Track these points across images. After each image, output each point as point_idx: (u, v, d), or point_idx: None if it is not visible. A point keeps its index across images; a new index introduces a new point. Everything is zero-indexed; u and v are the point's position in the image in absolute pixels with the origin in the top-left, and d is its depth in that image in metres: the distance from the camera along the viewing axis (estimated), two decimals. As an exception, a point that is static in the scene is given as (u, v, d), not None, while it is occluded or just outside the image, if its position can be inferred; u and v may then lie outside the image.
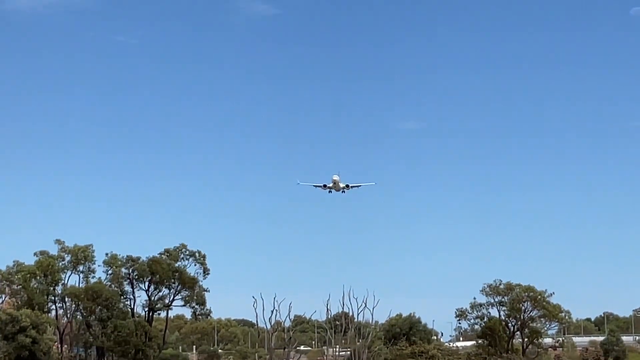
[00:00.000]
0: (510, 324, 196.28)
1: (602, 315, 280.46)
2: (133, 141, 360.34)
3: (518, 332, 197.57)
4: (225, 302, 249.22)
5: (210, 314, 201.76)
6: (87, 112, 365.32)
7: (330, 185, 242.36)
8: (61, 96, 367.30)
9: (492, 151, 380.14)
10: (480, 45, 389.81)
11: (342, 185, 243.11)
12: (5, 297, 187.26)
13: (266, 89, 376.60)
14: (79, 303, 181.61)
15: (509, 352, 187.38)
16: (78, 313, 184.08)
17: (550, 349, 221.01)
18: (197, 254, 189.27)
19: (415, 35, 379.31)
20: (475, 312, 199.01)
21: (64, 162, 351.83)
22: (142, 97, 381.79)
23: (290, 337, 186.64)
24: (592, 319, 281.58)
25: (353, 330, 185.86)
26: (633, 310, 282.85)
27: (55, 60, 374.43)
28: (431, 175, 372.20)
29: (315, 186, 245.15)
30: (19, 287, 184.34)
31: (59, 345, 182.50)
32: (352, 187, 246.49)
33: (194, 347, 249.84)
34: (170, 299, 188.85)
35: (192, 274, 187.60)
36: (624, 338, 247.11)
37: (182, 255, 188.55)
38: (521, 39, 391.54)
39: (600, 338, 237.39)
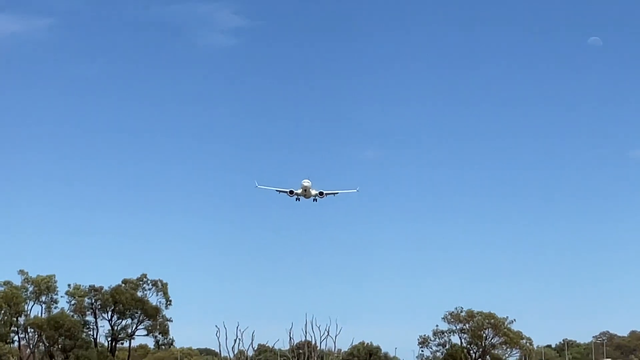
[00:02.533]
0: (472, 351, 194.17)
1: (563, 341, 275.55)
2: (92, 173, 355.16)
3: (480, 359, 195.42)
4: (188, 331, 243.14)
5: (173, 344, 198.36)
6: (46, 145, 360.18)
7: (299, 191, 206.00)
8: (21, 128, 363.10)
9: (450, 180, 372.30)
10: (436, 75, 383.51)
11: (314, 192, 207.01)
12: None
13: (223, 120, 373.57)
14: (42, 333, 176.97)
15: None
16: (41, 343, 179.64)
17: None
18: (159, 283, 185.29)
19: (372, 68, 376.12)
20: (437, 339, 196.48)
21: (25, 193, 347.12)
22: (101, 129, 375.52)
23: None
24: (553, 346, 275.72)
25: (316, 358, 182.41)
26: (593, 337, 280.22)
27: (17, 89, 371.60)
28: (392, 203, 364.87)
29: (279, 191, 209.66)
30: None
31: None
32: (327, 194, 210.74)
33: None
34: (133, 328, 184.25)
35: (154, 304, 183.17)
36: None
37: (143, 285, 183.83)
38: (477, 69, 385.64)
39: None
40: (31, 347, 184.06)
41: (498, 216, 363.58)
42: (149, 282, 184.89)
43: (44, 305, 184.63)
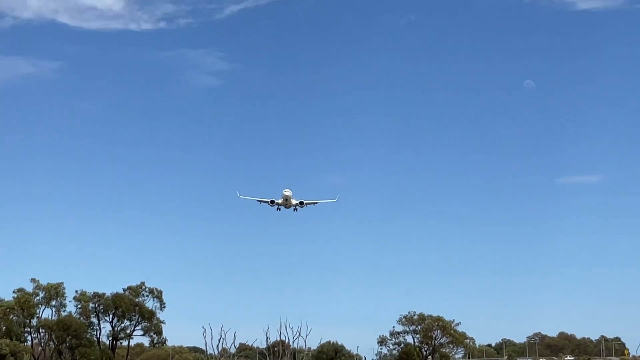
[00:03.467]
0: (423, 350, 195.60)
1: (501, 341, 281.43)
2: (96, 194, 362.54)
3: (430, 357, 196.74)
4: (179, 332, 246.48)
5: (166, 342, 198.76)
6: (54, 171, 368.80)
7: (280, 201, 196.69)
8: (32, 155, 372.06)
9: (401, 197, 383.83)
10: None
11: (294, 201, 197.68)
12: None
13: (209, 146, 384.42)
14: (52, 333, 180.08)
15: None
16: (51, 342, 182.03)
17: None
18: (155, 290, 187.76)
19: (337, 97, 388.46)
20: (393, 339, 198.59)
21: (36, 211, 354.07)
22: (102, 153, 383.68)
23: None
24: (493, 345, 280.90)
25: (289, 356, 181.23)
26: (527, 337, 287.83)
27: (30, 121, 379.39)
28: (355, 217, 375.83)
29: (260, 201, 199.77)
30: None
31: None
32: (307, 204, 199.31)
33: None
34: (131, 329, 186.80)
35: (150, 308, 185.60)
36: None
37: (142, 292, 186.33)
38: (426, 94, 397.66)
39: None
40: (42, 345, 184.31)
41: (446, 234, 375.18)
42: (146, 289, 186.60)
43: (53, 309, 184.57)
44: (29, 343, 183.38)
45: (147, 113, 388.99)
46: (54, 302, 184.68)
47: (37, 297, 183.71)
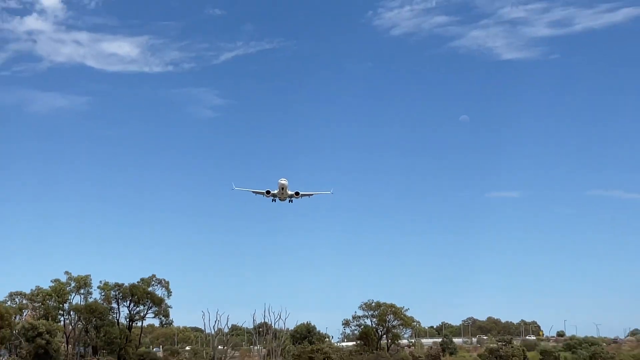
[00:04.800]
0: (379, 331, 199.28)
1: (441, 324, 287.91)
2: (117, 201, 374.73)
3: (384, 336, 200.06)
4: (183, 315, 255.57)
5: (172, 323, 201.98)
6: (85, 183, 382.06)
7: (275, 192, 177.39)
8: (67, 170, 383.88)
9: (366, 205, 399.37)
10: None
11: (290, 192, 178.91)
12: (28, 311, 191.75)
13: (207, 165, 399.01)
14: (80, 316, 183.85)
15: (378, 349, 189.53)
16: (79, 323, 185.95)
17: (405, 347, 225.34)
18: (163, 281, 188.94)
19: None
20: (355, 322, 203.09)
21: (71, 215, 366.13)
22: (123, 170, 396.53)
23: (228, 340, 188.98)
24: (435, 326, 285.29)
25: (271, 334, 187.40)
26: (462, 320, 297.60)
27: (64, 144, 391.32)
28: (329, 216, 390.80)
29: (256, 193, 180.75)
30: (38, 304, 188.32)
31: (66, 346, 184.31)
32: (303, 195, 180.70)
33: (161, 346, 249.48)
34: (144, 313, 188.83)
35: (160, 295, 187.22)
36: (455, 340, 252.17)
37: (152, 282, 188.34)
38: (374, 126, 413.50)
39: (440, 340, 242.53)
40: (72, 325, 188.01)
41: (400, 236, 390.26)
42: (156, 280, 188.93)
43: (82, 296, 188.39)
44: (62, 323, 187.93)
45: (159, 137, 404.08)
46: (82, 291, 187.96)
47: (69, 286, 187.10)
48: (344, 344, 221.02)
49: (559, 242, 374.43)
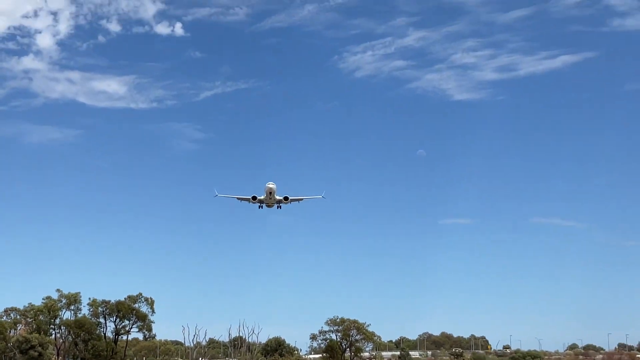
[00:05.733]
0: (343, 344, 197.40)
1: (399, 338, 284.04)
2: (104, 225, 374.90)
3: (348, 349, 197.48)
4: (165, 329, 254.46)
5: (155, 337, 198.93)
6: (74, 208, 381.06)
7: (262, 197, 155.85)
8: (58, 196, 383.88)
9: (325, 226, 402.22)
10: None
11: (278, 197, 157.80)
12: (21, 326, 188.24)
13: (189, 191, 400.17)
14: (70, 330, 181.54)
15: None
16: (69, 336, 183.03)
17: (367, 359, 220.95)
18: (149, 299, 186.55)
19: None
20: (321, 336, 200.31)
21: (62, 237, 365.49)
22: (110, 197, 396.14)
23: (205, 352, 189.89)
24: (393, 341, 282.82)
25: (245, 347, 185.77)
26: (418, 335, 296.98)
27: (57, 173, 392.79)
28: (298, 237, 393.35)
29: (241, 199, 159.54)
30: (31, 319, 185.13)
31: (57, 358, 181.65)
32: (292, 200, 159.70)
33: (144, 359, 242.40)
34: (129, 327, 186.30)
35: (144, 311, 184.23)
36: (412, 353, 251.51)
37: (138, 299, 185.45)
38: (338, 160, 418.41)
39: (398, 353, 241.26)
40: (63, 338, 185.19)
41: (364, 258, 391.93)
42: (142, 297, 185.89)
43: (72, 312, 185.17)
44: (53, 337, 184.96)
45: (144, 168, 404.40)
46: (72, 307, 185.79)
47: (60, 303, 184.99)
48: (311, 356, 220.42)
49: (505, 264, 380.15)
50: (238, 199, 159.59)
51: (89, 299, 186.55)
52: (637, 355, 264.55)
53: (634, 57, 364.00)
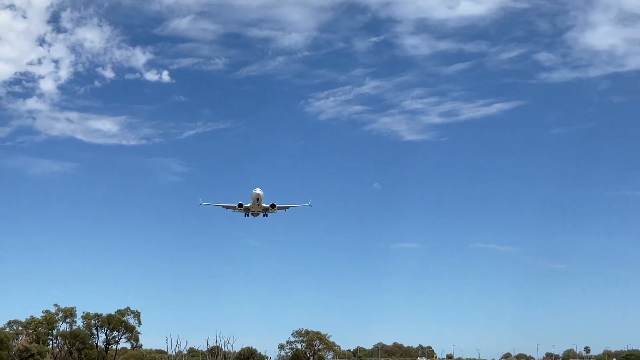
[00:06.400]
0: (307, 353, 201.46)
1: (357, 347, 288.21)
2: (97, 246, 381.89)
3: (311, 358, 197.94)
4: (150, 339, 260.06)
5: (141, 347, 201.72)
6: (71, 232, 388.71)
7: (248, 205, 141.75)
8: (58, 222, 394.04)
9: (292, 250, 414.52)
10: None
11: (265, 205, 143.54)
12: (22, 337, 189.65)
13: (173, 225, 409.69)
14: (66, 340, 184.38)
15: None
16: (65, 346, 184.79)
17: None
18: (135, 312, 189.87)
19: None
20: (288, 346, 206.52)
21: (61, 255, 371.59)
22: (104, 222, 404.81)
23: None
24: (352, 350, 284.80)
25: (221, 356, 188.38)
26: (373, 345, 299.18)
27: (55, 203, 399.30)
28: (266, 253, 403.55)
29: (226, 207, 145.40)
30: (31, 331, 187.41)
31: None
32: (279, 208, 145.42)
33: None
34: (119, 338, 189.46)
35: (131, 324, 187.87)
36: None
37: (126, 313, 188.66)
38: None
39: None
40: (59, 348, 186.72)
41: (328, 274, 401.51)
42: (130, 311, 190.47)
43: (68, 324, 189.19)
44: (50, 346, 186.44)
45: (134, 196, 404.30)
46: (68, 320, 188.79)
47: (58, 316, 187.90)
48: None
49: (448, 282, 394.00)
50: (223, 207, 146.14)
51: (83, 312, 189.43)
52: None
53: (557, 106, 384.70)
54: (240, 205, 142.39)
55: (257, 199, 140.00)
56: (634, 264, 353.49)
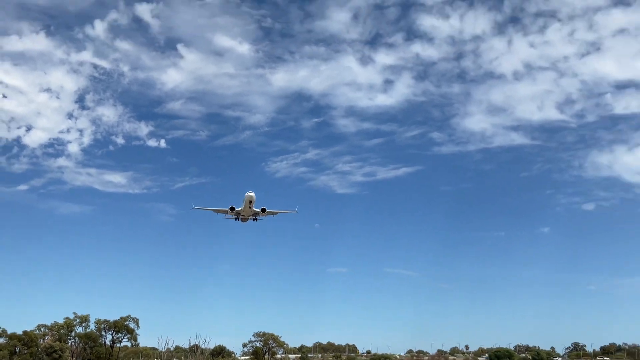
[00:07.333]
0: (264, 349, 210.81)
1: (301, 345, 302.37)
2: (104, 267, 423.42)
3: (267, 353, 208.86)
4: (145, 339, 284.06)
5: (139, 345, 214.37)
6: (89, 258, 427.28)
7: (240, 209, 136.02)
8: (79, 253, 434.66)
9: (253, 272, 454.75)
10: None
11: (255, 209, 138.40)
12: (48, 337, 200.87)
13: (167, 257, 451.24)
14: (81, 340, 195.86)
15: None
16: (81, 344, 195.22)
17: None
18: (134, 319, 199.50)
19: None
20: (250, 344, 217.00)
21: (80, 275, 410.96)
22: (113, 252, 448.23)
23: (172, 356, 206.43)
24: (297, 347, 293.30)
25: (199, 352, 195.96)
26: (313, 343, 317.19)
27: (80, 235, 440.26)
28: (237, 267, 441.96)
29: (217, 211, 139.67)
30: (55, 332, 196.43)
31: (71, 359, 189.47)
32: (269, 213, 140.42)
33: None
34: (122, 338, 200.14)
35: (132, 327, 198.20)
36: (310, 355, 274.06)
37: (128, 319, 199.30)
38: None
39: (300, 355, 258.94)
40: (76, 345, 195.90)
41: (280, 287, 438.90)
42: (130, 317, 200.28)
43: (83, 327, 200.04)
44: (69, 345, 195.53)
45: (136, 232, 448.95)
46: (83, 324, 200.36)
47: (76, 322, 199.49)
48: (242, 357, 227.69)
49: (369, 297, 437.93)
50: (215, 211, 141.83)
51: (95, 319, 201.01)
52: (450, 357, 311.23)
53: (445, 170, 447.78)
54: (232, 209, 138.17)
55: (250, 201, 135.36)
56: (497, 284, 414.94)
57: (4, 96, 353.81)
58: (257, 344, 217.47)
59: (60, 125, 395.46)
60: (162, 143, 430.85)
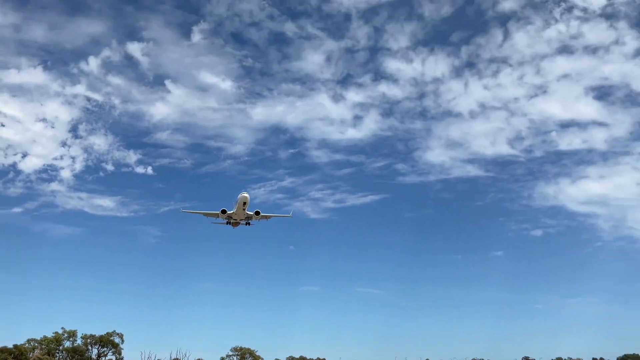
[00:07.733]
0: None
1: (275, 359, 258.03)
2: (96, 285, 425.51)
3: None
4: (129, 352, 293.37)
5: (123, 358, 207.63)
6: (77, 278, 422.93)
7: (232, 212, 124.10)
8: (68, 271, 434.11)
9: (237, 290, 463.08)
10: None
11: (249, 212, 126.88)
12: (37, 351, 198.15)
13: (153, 278, 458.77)
14: (69, 354, 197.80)
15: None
16: (68, 358, 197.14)
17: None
18: (119, 334, 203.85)
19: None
20: (228, 358, 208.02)
21: (68, 292, 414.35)
22: (100, 270, 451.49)
23: None
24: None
25: None
26: (286, 357, 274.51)
27: (70, 254, 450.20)
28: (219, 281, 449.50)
29: (207, 215, 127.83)
30: (44, 346, 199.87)
31: None
32: (262, 216, 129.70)
33: None
34: (107, 352, 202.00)
35: (117, 342, 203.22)
36: None
37: (113, 335, 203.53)
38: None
39: None
40: (64, 359, 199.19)
41: (255, 302, 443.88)
42: (115, 333, 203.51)
43: (71, 342, 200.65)
44: (57, 358, 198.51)
45: (123, 252, 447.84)
46: (71, 339, 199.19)
47: (64, 336, 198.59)
48: None
49: (339, 315, 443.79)
50: (205, 214, 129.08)
51: (82, 334, 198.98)
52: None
53: (408, 199, 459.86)
54: (224, 212, 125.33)
55: (244, 203, 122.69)
56: (455, 302, 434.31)
57: (2, 125, 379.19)
58: (234, 358, 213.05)
59: (54, 152, 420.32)
60: (149, 170, 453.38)
